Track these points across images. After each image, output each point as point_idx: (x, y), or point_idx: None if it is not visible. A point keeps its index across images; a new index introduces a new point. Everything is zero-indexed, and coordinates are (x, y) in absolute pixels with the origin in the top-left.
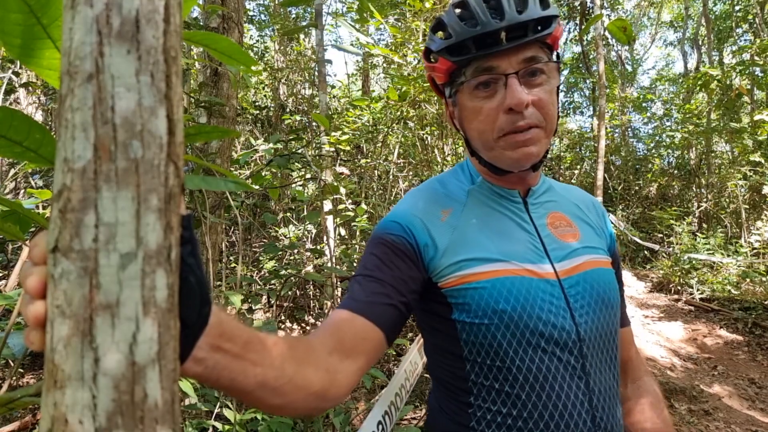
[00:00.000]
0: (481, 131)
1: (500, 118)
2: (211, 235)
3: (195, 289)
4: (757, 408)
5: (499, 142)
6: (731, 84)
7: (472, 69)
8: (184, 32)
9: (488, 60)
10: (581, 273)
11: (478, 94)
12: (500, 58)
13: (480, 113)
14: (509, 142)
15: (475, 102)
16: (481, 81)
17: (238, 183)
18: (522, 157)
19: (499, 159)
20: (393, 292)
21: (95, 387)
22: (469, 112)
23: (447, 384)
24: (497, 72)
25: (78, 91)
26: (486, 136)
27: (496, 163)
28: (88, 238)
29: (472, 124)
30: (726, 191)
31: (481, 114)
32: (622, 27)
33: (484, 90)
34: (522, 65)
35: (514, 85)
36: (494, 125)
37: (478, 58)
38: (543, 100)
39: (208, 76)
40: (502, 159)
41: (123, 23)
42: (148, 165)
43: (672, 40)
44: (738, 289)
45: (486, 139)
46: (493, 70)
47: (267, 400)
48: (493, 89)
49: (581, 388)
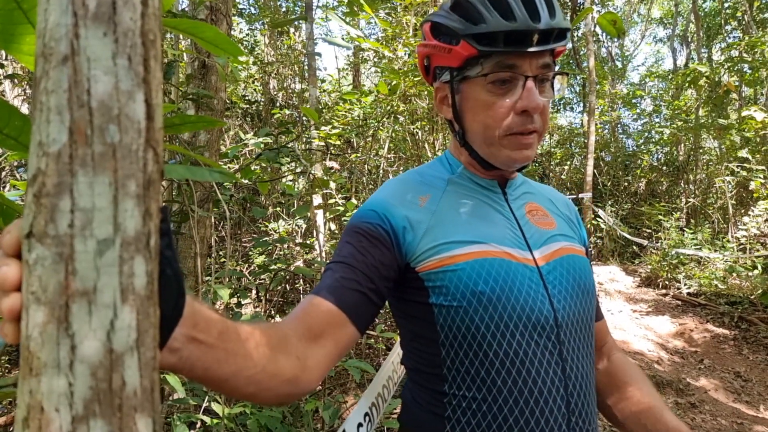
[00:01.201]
0: (487, 126)
1: (511, 117)
2: (200, 229)
3: (172, 281)
4: (743, 401)
5: (503, 140)
6: (719, 81)
7: (493, 63)
8: (169, 20)
9: (512, 58)
10: (558, 258)
11: (493, 89)
12: (523, 59)
13: (491, 108)
14: (513, 142)
15: (488, 96)
16: (501, 78)
17: (223, 173)
18: (520, 158)
19: (496, 156)
20: (363, 278)
21: (72, 375)
22: (479, 104)
23: (422, 373)
24: (518, 71)
25: (53, 74)
26: (491, 132)
27: (490, 159)
28: (64, 223)
29: (478, 116)
30: (713, 187)
31: (492, 110)
32: (612, 20)
33: (501, 87)
34: (540, 71)
35: (533, 89)
36: (502, 123)
37: (502, 54)
38: (546, 108)
39: (196, 68)
40: (500, 156)
41: (99, 4)
42: (125, 150)
43: (662, 37)
44: (724, 284)
45: (490, 134)
46: (515, 69)
47: (241, 389)
48: (509, 88)
49: (558, 374)
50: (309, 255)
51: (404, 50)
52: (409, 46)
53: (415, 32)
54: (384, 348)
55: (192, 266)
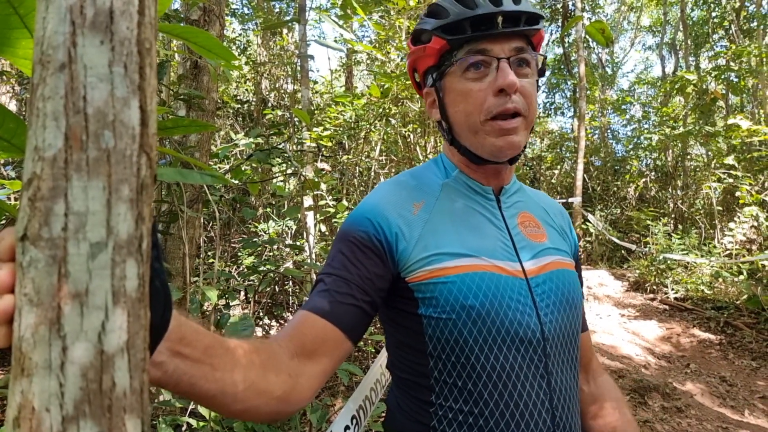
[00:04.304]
0: (468, 113)
1: (489, 99)
2: (189, 229)
3: (159, 293)
4: (728, 405)
5: (485, 126)
6: (707, 89)
7: (465, 51)
8: (163, 25)
9: (482, 43)
10: (548, 272)
11: (468, 75)
12: (493, 43)
13: (469, 95)
14: (495, 128)
15: (464, 83)
16: (473, 62)
17: (214, 176)
18: (506, 145)
19: (482, 145)
20: (358, 291)
21: (63, 375)
22: (457, 94)
23: (408, 382)
24: (490, 54)
25: (50, 80)
26: (473, 119)
27: (477, 150)
28: (57, 226)
29: (459, 106)
30: (700, 193)
31: (471, 95)
32: (601, 29)
33: (474, 71)
34: (513, 53)
35: (505, 68)
36: (482, 107)
37: (471, 41)
38: (528, 89)
39: (187, 68)
40: (485, 145)
41: (97, 14)
42: (119, 155)
43: (651, 45)
44: (711, 289)
45: (473, 121)
46: (486, 53)
47: (228, 406)
48: (484, 72)
49: (543, 387)
50: (299, 256)
51: (397, 53)
52: (401, 50)
53: (407, 36)
54: (373, 351)
55: (180, 267)
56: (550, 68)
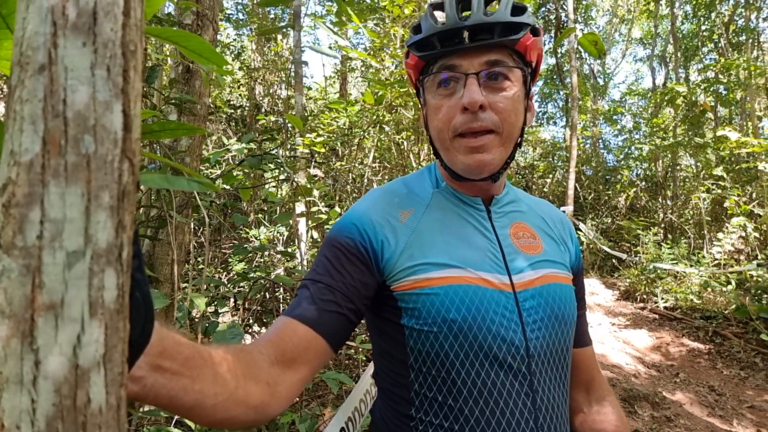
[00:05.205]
0: (439, 129)
1: (457, 117)
2: (178, 235)
3: (141, 306)
4: (717, 415)
5: (453, 143)
6: (696, 100)
7: (437, 66)
8: (152, 28)
9: (452, 58)
10: (538, 287)
11: (439, 91)
12: (463, 58)
13: (440, 111)
14: (463, 145)
15: (436, 99)
16: (442, 78)
17: (202, 183)
18: (475, 164)
19: (453, 162)
20: (342, 299)
21: (35, 391)
22: (431, 109)
23: (390, 393)
24: (459, 71)
25: (28, 83)
26: (443, 135)
27: (451, 166)
28: (32, 234)
29: (433, 121)
30: (690, 203)
31: (441, 112)
32: (593, 41)
33: (444, 88)
34: (484, 67)
35: (470, 85)
36: (450, 124)
37: (443, 56)
38: (502, 105)
39: (179, 73)
40: (456, 163)
41: (79, 15)
42: (100, 161)
43: (641, 57)
44: (700, 299)
45: (443, 138)
46: (454, 69)
47: (207, 417)
48: (453, 88)
49: (527, 406)
50: (290, 263)
51: (391, 61)
52: (396, 57)
53: (402, 43)
54: (364, 359)
55: (169, 273)
56: (543, 78)
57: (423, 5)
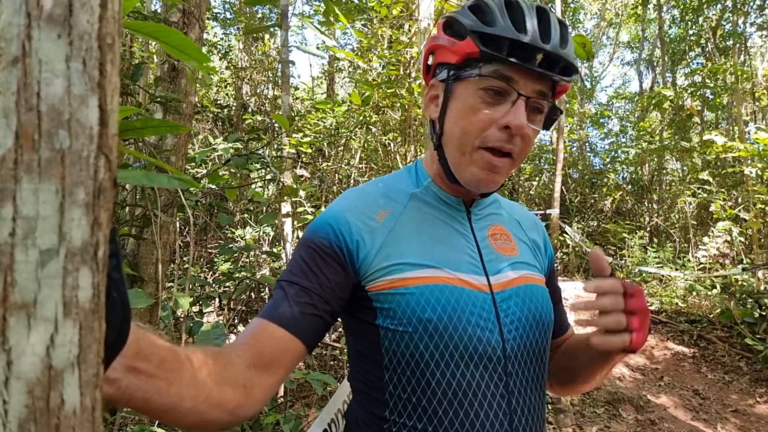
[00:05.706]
0: (465, 132)
1: (492, 129)
2: (163, 234)
3: (117, 305)
4: (700, 419)
5: (475, 153)
6: (683, 105)
7: (491, 69)
8: (131, 22)
9: (511, 70)
10: (515, 287)
11: (484, 96)
12: (522, 76)
13: (475, 114)
14: (485, 159)
15: (476, 102)
16: (495, 87)
17: (183, 180)
18: (485, 179)
19: (463, 170)
20: (318, 301)
21: (6, 392)
22: (465, 107)
23: (365, 395)
24: (515, 87)
25: (1, 75)
26: (467, 140)
27: (458, 172)
28: (4, 231)
29: (461, 119)
30: (676, 207)
31: (476, 116)
32: (582, 43)
33: (492, 96)
34: (535, 95)
35: (520, 106)
36: (482, 133)
37: (503, 63)
38: (529, 137)
39: (165, 71)
40: (466, 171)
41: (55, 6)
42: (75, 156)
43: (629, 60)
44: (685, 303)
45: (466, 142)
46: (510, 82)
47: (182, 419)
48: (500, 100)
49: (502, 407)
50: (275, 263)
51: (379, 62)
52: (383, 58)
53: (390, 44)
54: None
55: (153, 272)
56: None
57: (410, 6)
